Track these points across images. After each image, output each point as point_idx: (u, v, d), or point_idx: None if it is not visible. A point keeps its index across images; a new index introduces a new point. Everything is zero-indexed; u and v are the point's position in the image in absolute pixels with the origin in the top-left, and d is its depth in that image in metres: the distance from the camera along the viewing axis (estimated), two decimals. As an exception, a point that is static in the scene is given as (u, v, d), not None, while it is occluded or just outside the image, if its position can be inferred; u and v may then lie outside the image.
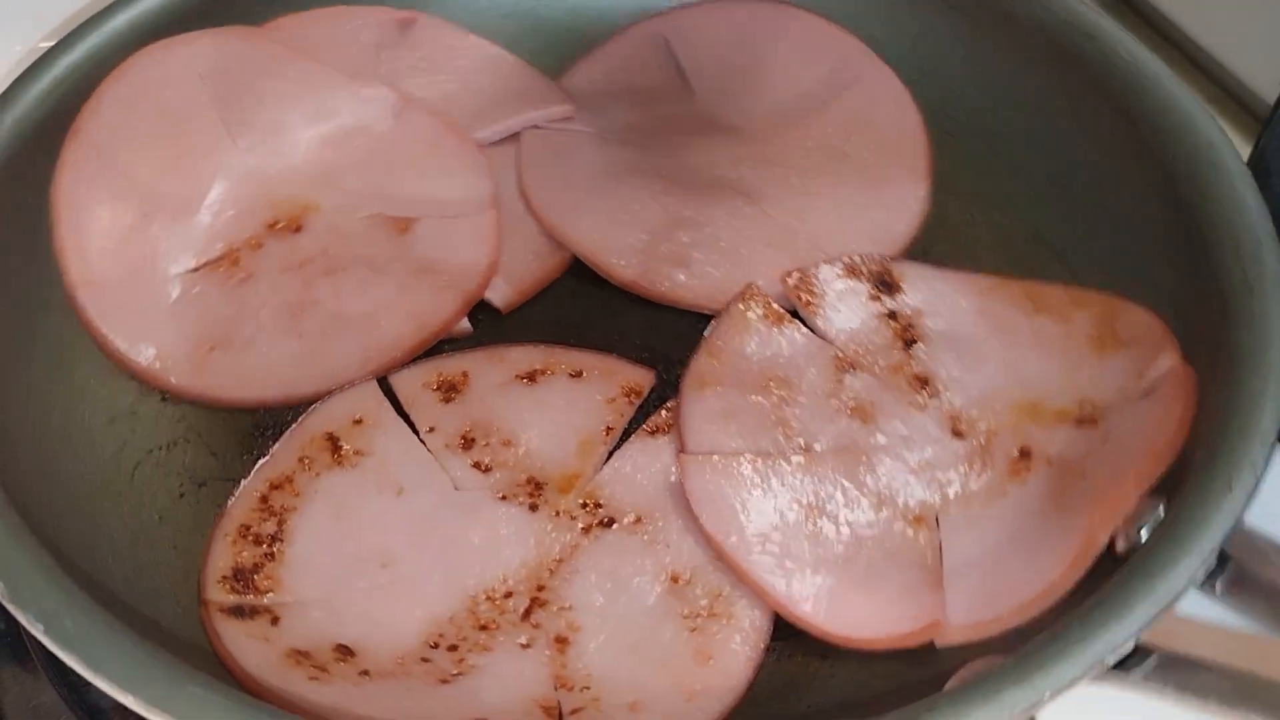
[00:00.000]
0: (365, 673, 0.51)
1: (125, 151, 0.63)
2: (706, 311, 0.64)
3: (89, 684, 0.52)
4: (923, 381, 0.60)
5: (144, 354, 0.61)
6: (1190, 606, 0.46)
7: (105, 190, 0.62)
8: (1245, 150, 0.61)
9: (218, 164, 0.65)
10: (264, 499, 0.57)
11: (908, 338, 0.61)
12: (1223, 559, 0.47)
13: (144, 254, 0.62)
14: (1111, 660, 0.44)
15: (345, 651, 0.52)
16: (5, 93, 0.61)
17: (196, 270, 0.63)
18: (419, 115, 0.68)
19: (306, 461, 0.58)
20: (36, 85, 0.61)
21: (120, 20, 0.64)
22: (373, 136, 0.68)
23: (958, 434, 0.58)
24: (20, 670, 0.54)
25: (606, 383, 0.61)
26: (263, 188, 0.66)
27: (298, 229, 0.65)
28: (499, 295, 0.65)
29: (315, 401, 0.60)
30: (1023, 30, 0.65)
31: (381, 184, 0.67)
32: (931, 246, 0.67)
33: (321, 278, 0.64)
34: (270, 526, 0.56)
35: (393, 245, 0.65)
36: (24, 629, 0.53)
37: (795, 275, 0.63)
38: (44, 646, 0.52)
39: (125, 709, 0.51)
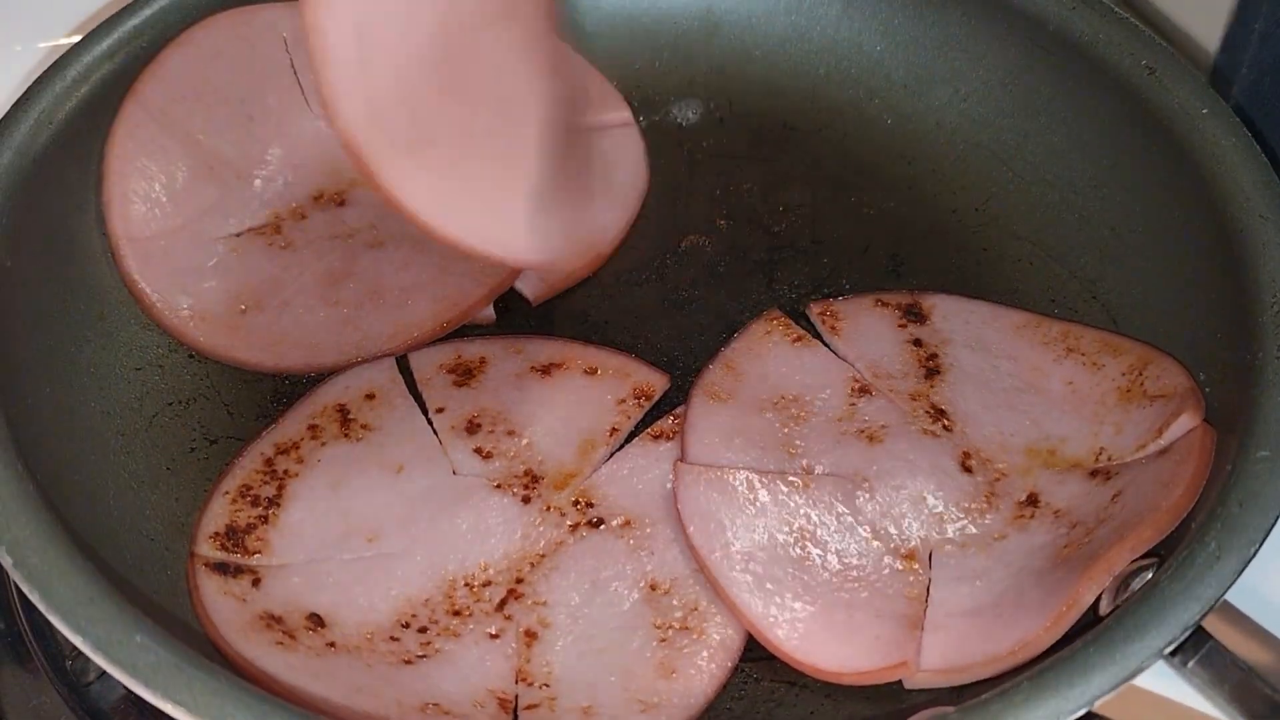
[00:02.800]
0: (331, 644, 0.52)
1: (184, 113, 0.64)
2: None
3: (89, 684, 0.54)
4: (939, 412, 0.58)
5: (178, 310, 0.62)
6: (1156, 680, 0.44)
7: (158, 150, 0.64)
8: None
9: (285, 129, 0.67)
10: (269, 462, 0.58)
11: (931, 367, 0.60)
12: (1201, 636, 0.45)
13: (190, 215, 0.64)
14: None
15: (317, 621, 0.53)
16: (70, 50, 0.63)
17: (239, 235, 0.65)
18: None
19: (315, 430, 0.59)
20: (101, 45, 0.63)
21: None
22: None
23: (967, 469, 0.56)
24: (20, 670, 0.55)
25: (619, 383, 0.61)
26: (323, 157, 0.67)
27: (341, 203, 0.66)
28: (530, 286, 0.65)
29: (333, 373, 0.61)
30: (1107, 76, 0.63)
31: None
32: (979, 279, 0.65)
33: (366, 250, 0.65)
34: (270, 490, 0.57)
35: (433, 227, 0.66)
36: (24, 629, 0.56)
37: (821, 304, 0.62)
38: (44, 647, 0.55)
39: (125, 709, 0.53)
